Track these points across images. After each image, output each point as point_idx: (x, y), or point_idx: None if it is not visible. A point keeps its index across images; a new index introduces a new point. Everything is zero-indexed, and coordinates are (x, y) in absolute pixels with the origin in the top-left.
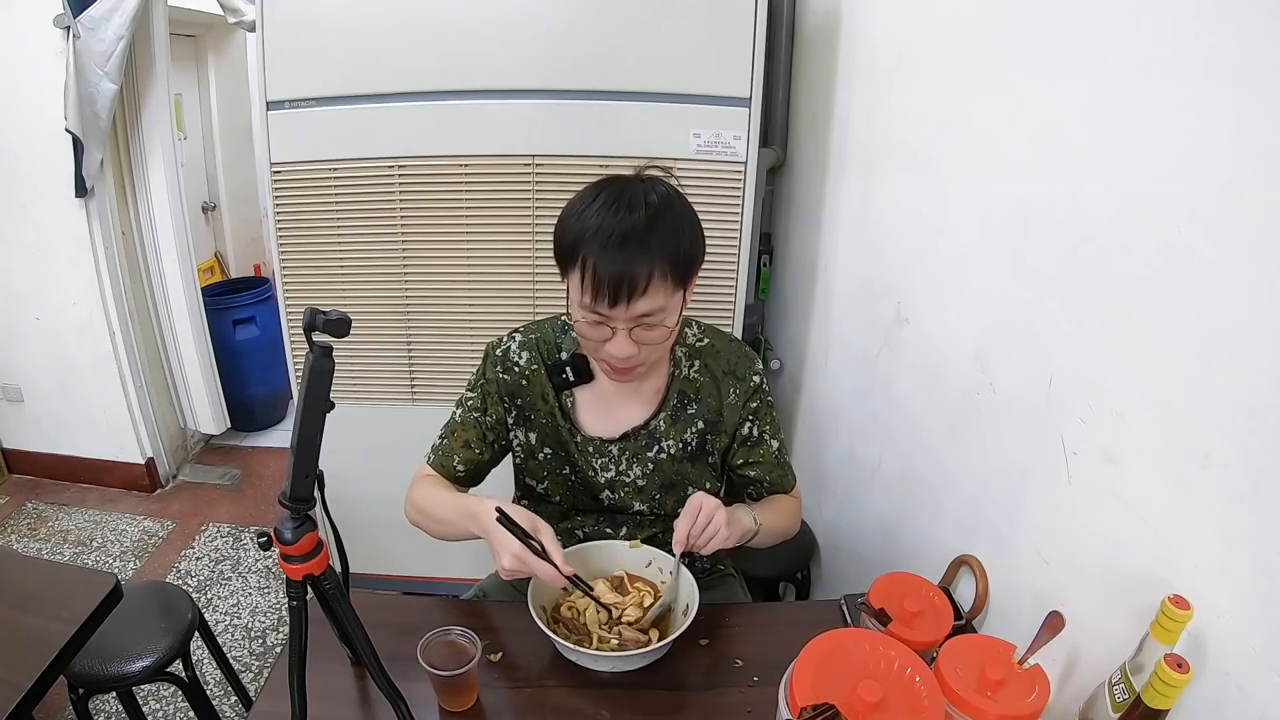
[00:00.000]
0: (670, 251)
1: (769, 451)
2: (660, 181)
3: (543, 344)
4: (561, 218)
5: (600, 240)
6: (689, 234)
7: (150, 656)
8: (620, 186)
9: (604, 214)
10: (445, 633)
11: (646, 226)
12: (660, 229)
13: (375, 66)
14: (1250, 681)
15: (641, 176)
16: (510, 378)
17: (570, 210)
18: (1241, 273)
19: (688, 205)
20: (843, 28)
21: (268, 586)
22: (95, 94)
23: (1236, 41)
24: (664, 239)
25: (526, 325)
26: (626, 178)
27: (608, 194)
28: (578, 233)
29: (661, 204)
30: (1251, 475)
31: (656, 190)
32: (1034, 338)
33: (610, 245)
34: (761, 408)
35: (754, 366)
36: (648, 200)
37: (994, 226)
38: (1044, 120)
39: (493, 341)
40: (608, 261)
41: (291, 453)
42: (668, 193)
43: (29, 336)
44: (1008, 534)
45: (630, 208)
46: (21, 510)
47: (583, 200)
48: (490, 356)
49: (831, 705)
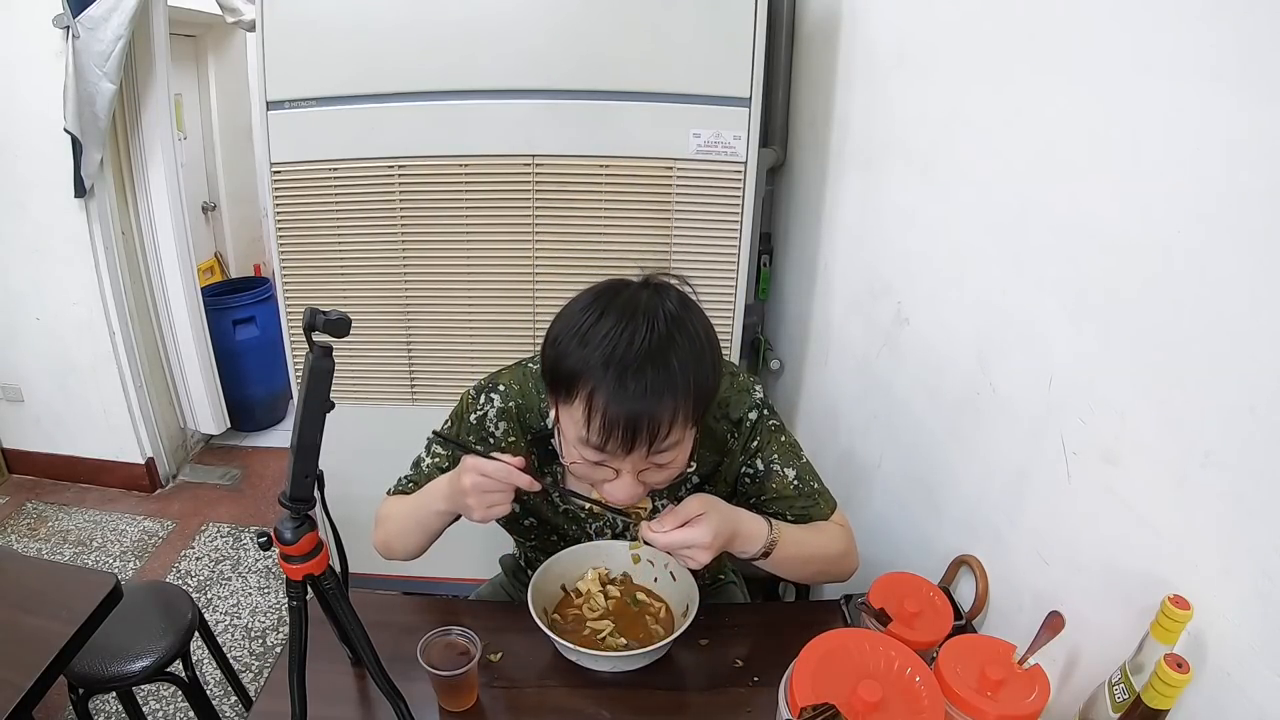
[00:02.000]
0: (694, 382)
1: (784, 483)
2: (670, 289)
3: (525, 412)
4: (555, 334)
5: (612, 374)
6: (710, 359)
7: (150, 656)
8: (629, 302)
9: (614, 338)
10: (445, 633)
11: (667, 358)
12: (681, 359)
13: (375, 66)
14: (1250, 681)
15: (649, 282)
16: (485, 449)
17: (567, 327)
18: (1242, 272)
19: (703, 318)
20: (842, 27)
21: (268, 586)
22: (94, 94)
23: (1236, 41)
24: (686, 368)
25: (506, 377)
26: (632, 288)
27: (615, 310)
28: (581, 360)
29: (678, 324)
30: (1251, 475)
31: (670, 301)
32: (1034, 338)
33: (624, 380)
34: (765, 440)
35: (748, 400)
36: (665, 316)
37: (994, 226)
38: (1044, 120)
39: (468, 395)
40: (621, 401)
41: (291, 453)
42: (682, 303)
43: (29, 336)
44: (1008, 534)
45: (646, 328)
46: (21, 510)
47: (582, 315)
48: (464, 420)
49: (831, 705)
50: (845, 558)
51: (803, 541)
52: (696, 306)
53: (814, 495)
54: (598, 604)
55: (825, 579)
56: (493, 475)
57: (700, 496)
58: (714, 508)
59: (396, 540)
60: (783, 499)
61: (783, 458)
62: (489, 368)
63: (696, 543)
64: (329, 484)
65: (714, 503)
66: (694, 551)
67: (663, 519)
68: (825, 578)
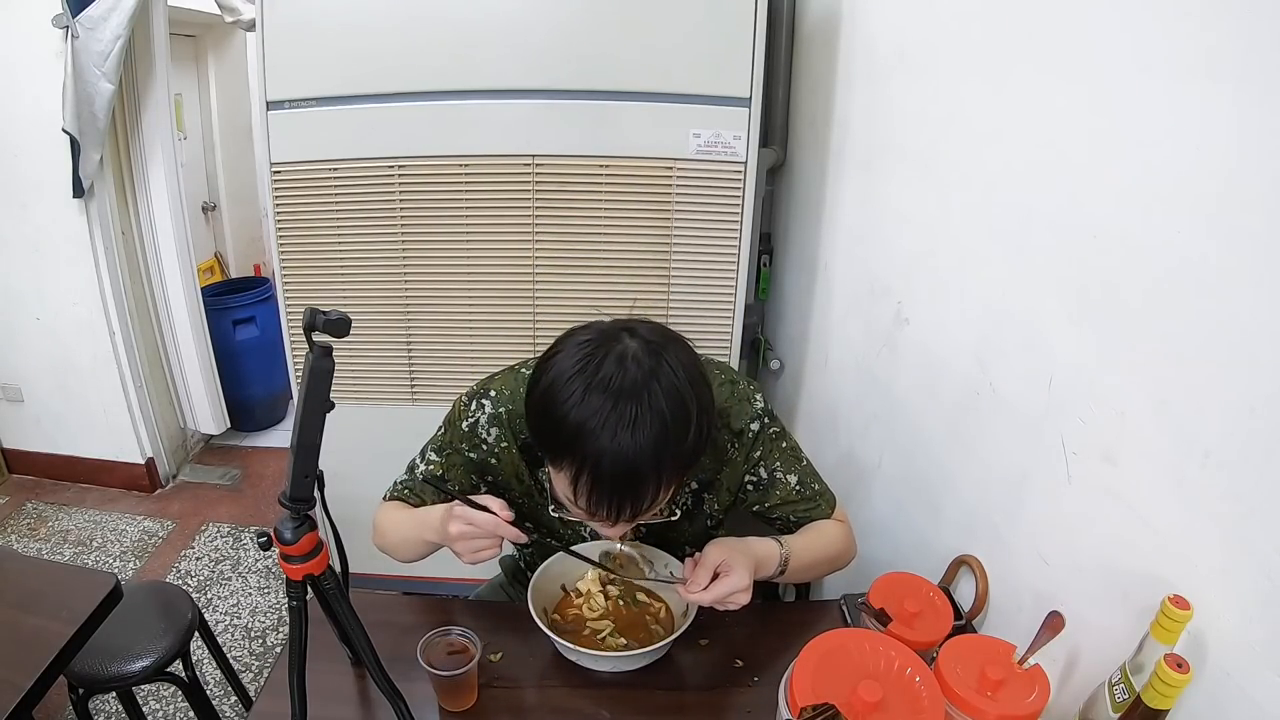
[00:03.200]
0: (680, 459)
1: (787, 489)
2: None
3: (515, 418)
4: (551, 397)
5: (603, 463)
6: (700, 422)
7: (150, 656)
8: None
9: (601, 420)
10: (445, 633)
11: (654, 444)
12: (670, 438)
13: (375, 66)
14: (1250, 681)
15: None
16: (478, 455)
17: (555, 396)
18: (1242, 272)
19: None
20: (842, 27)
21: (268, 586)
22: (93, 94)
23: (1236, 41)
24: (673, 449)
25: (498, 384)
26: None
27: (601, 391)
28: (570, 438)
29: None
30: (1251, 475)
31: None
32: (1034, 338)
33: (613, 467)
34: (767, 450)
35: (750, 410)
36: (650, 392)
37: (994, 227)
38: (1044, 119)
39: (460, 402)
40: (606, 486)
41: (291, 453)
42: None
43: (29, 336)
44: (1008, 534)
45: (633, 412)
46: (21, 510)
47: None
48: (455, 426)
49: (831, 705)
50: (847, 552)
51: (810, 549)
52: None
53: (815, 497)
54: (597, 604)
55: (829, 573)
56: (480, 525)
57: (717, 544)
58: (734, 550)
59: (394, 551)
60: (786, 504)
61: (784, 465)
62: (489, 368)
63: (737, 588)
64: (329, 484)
65: (731, 545)
66: (736, 597)
67: (695, 578)
68: (830, 573)
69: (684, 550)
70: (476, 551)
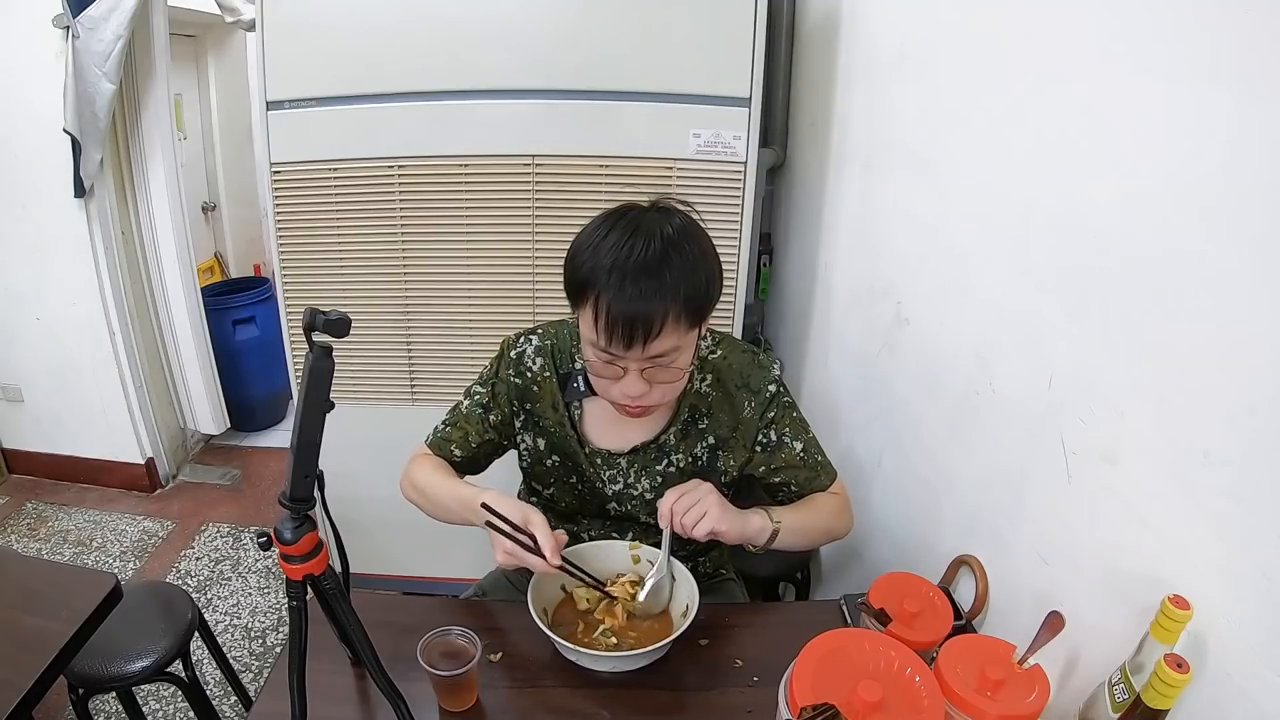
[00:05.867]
0: (685, 291)
1: (791, 454)
2: (676, 213)
3: (558, 351)
4: (572, 250)
5: (613, 280)
6: (704, 270)
7: (150, 656)
8: (634, 219)
9: (616, 251)
10: (445, 633)
11: (660, 265)
12: (675, 267)
13: (375, 66)
14: (1250, 681)
15: (656, 206)
16: (522, 381)
17: (581, 243)
18: (1242, 272)
19: (704, 237)
20: (843, 27)
21: (268, 586)
22: (94, 94)
23: (1236, 41)
24: (679, 278)
25: (545, 326)
26: (640, 208)
27: (621, 228)
28: (590, 270)
29: (677, 239)
30: (1251, 475)
31: (671, 223)
32: (1034, 338)
33: (623, 286)
34: (779, 414)
35: (768, 376)
36: (662, 235)
37: (994, 226)
38: (1044, 120)
39: (509, 338)
40: (620, 303)
41: (291, 453)
42: (683, 226)
43: (29, 336)
44: (1008, 534)
45: (645, 243)
46: (21, 510)
47: (595, 232)
48: (505, 356)
49: (831, 705)
50: (841, 524)
51: (800, 528)
52: (697, 226)
53: (817, 467)
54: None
55: (825, 543)
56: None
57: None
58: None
59: (421, 503)
60: (790, 468)
61: (793, 431)
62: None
63: (702, 492)
64: (329, 484)
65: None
66: (704, 504)
67: (666, 495)
68: (825, 542)
69: None
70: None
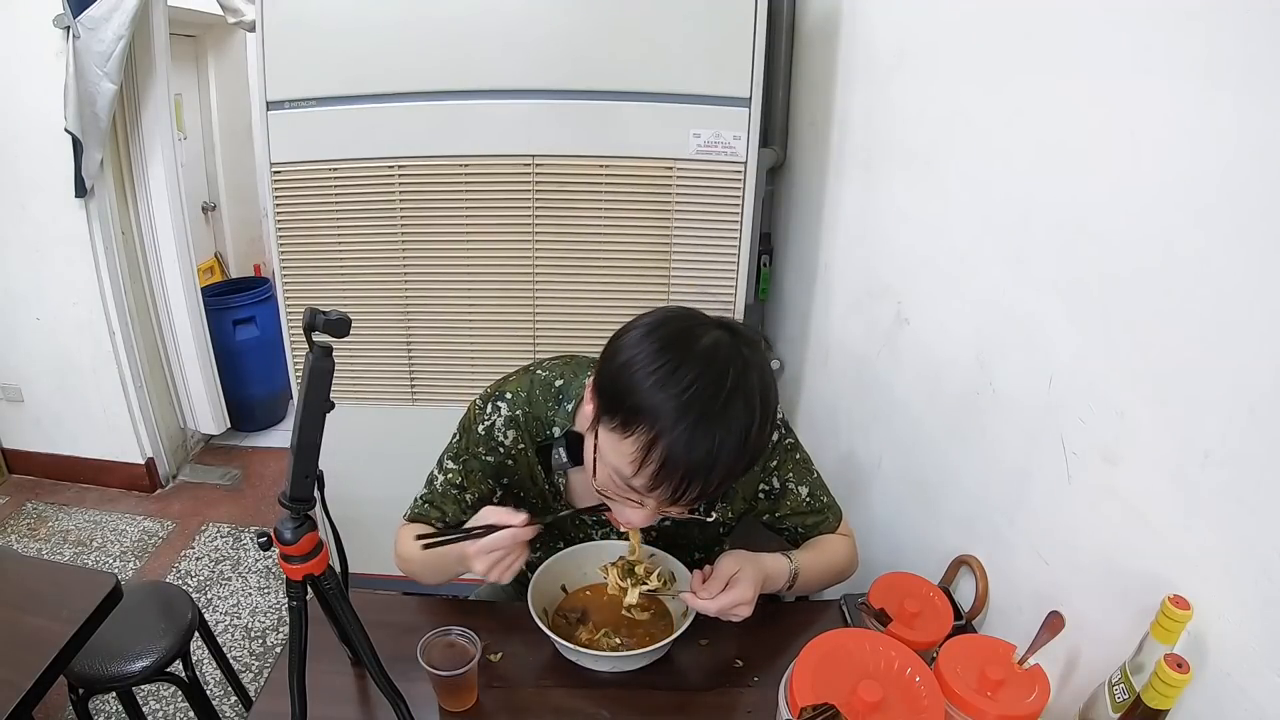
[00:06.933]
0: (755, 456)
1: (797, 500)
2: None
3: (531, 421)
4: (628, 361)
5: (683, 432)
6: (769, 424)
7: (150, 656)
8: (715, 369)
9: (693, 395)
10: (445, 633)
11: (734, 426)
12: (749, 449)
13: (375, 66)
14: (1250, 681)
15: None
16: (495, 459)
17: (642, 360)
18: (1241, 272)
19: (766, 372)
20: (842, 27)
21: (268, 586)
22: (95, 94)
23: (1236, 41)
24: (758, 441)
25: (513, 387)
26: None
27: (697, 364)
28: (653, 405)
29: (747, 388)
30: (1251, 475)
31: (746, 384)
32: (1034, 337)
33: (694, 442)
34: (782, 460)
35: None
36: (734, 381)
37: (994, 226)
38: (1044, 120)
39: (475, 406)
40: (683, 461)
41: (291, 453)
42: (752, 365)
43: (29, 336)
44: (1008, 534)
45: (723, 397)
46: (21, 510)
47: (661, 354)
48: (472, 431)
49: (831, 705)
50: (850, 567)
51: (817, 563)
52: (761, 359)
53: (823, 510)
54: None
55: (833, 585)
56: (501, 546)
57: (732, 555)
58: (746, 562)
59: (419, 576)
60: (796, 514)
61: (797, 476)
62: (489, 368)
63: (741, 600)
64: (329, 484)
65: (745, 558)
66: (740, 609)
67: (708, 585)
68: (833, 585)
69: (692, 556)
70: (508, 569)
